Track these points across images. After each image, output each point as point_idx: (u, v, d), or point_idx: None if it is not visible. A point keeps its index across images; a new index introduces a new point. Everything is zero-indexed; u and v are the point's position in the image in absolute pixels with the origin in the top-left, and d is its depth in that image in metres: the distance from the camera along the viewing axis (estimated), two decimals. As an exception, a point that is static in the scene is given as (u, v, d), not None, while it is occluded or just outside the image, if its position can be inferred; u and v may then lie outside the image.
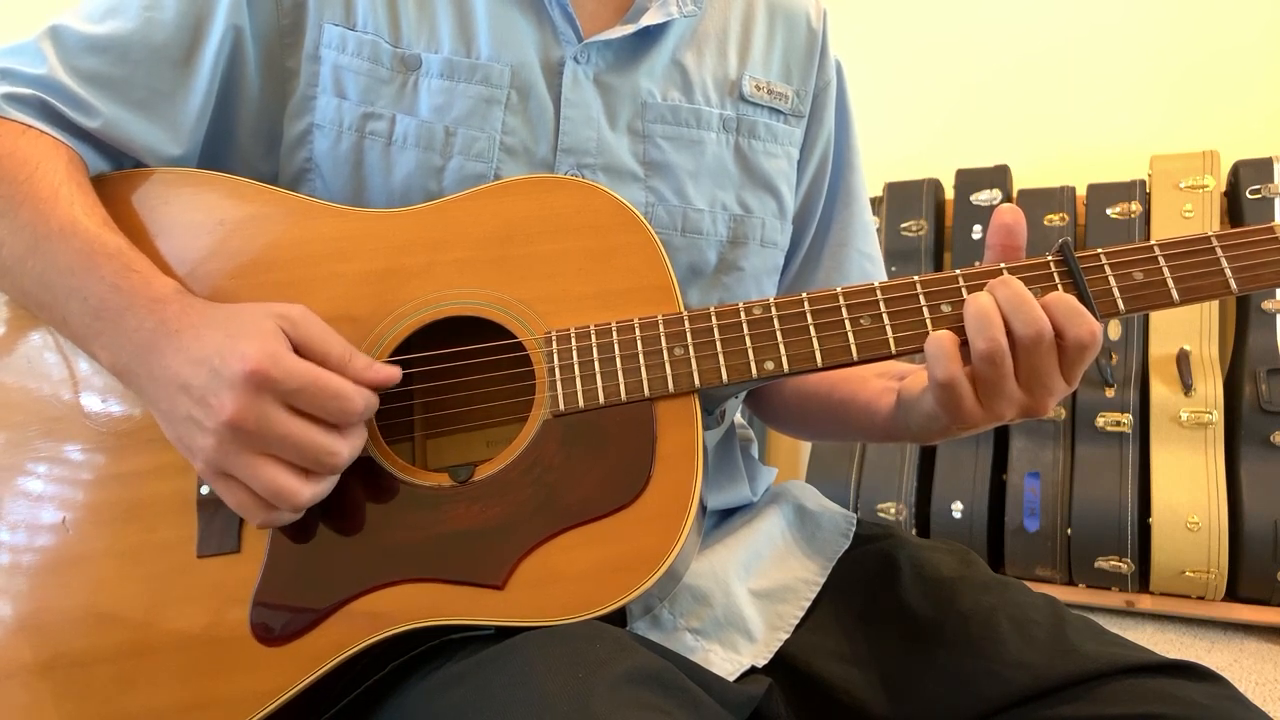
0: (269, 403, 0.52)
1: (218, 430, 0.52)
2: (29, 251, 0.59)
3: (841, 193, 0.86)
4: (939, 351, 0.56)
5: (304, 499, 0.53)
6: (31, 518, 0.59)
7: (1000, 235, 0.60)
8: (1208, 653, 1.88)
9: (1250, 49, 2.33)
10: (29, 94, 0.64)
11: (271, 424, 0.52)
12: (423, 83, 0.69)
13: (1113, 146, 2.43)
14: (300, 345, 0.55)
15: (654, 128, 0.73)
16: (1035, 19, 2.57)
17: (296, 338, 0.55)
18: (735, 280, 0.76)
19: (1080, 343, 0.55)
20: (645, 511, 0.56)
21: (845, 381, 0.77)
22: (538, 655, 0.49)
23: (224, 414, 0.52)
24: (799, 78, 0.81)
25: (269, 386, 0.52)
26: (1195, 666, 0.58)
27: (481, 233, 0.63)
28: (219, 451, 0.53)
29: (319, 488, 0.54)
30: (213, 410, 0.52)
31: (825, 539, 0.76)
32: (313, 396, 0.53)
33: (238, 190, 0.66)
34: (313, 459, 0.53)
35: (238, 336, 0.54)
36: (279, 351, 0.53)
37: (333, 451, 0.53)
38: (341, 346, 0.56)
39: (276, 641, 0.55)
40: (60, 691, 0.56)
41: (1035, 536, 2.07)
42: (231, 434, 0.52)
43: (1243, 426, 1.99)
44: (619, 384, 0.59)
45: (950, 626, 0.64)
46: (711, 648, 0.66)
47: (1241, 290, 0.57)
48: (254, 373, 0.52)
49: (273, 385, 0.52)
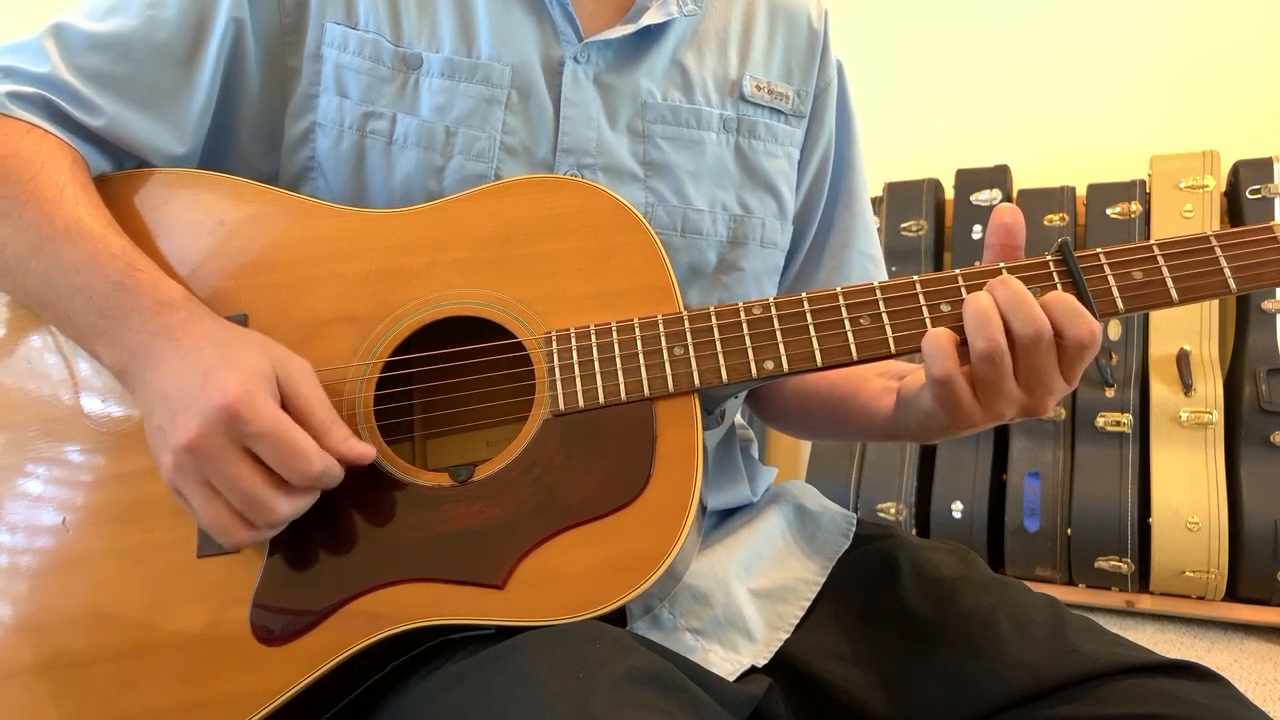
0: (228, 440, 0.52)
1: (175, 450, 0.53)
2: (33, 251, 0.59)
3: (843, 193, 0.86)
4: (936, 349, 0.56)
5: (242, 540, 0.54)
6: (31, 518, 0.59)
7: (999, 235, 0.60)
8: (1208, 653, 1.88)
9: (1250, 49, 2.33)
10: (33, 92, 0.64)
11: (222, 461, 0.52)
12: (424, 82, 0.69)
13: (1113, 146, 2.43)
14: (287, 398, 0.55)
15: (654, 128, 0.73)
16: (1035, 19, 2.57)
17: (286, 389, 0.55)
18: (735, 281, 0.76)
19: (1080, 342, 0.55)
20: (645, 511, 0.56)
21: (846, 381, 0.77)
22: (538, 655, 0.49)
23: (183, 437, 0.52)
24: (800, 78, 0.81)
25: (236, 424, 0.52)
26: (1195, 666, 0.58)
27: (481, 233, 0.63)
28: (174, 470, 0.54)
29: (257, 535, 0.54)
30: (177, 429, 0.53)
31: (825, 539, 0.76)
32: (273, 447, 0.52)
33: (238, 190, 0.66)
34: (249, 508, 0.53)
35: (228, 365, 0.54)
36: (258, 393, 0.53)
37: (270, 508, 0.53)
38: (326, 412, 0.55)
39: (276, 641, 0.55)
40: (60, 691, 0.56)
41: (1035, 536, 2.07)
42: (187, 457, 0.53)
43: (1243, 426, 1.99)
44: (619, 384, 0.59)
45: (950, 626, 0.64)
46: (711, 648, 0.66)
47: (1240, 290, 0.57)
48: (226, 407, 0.52)
49: (239, 425, 0.52)
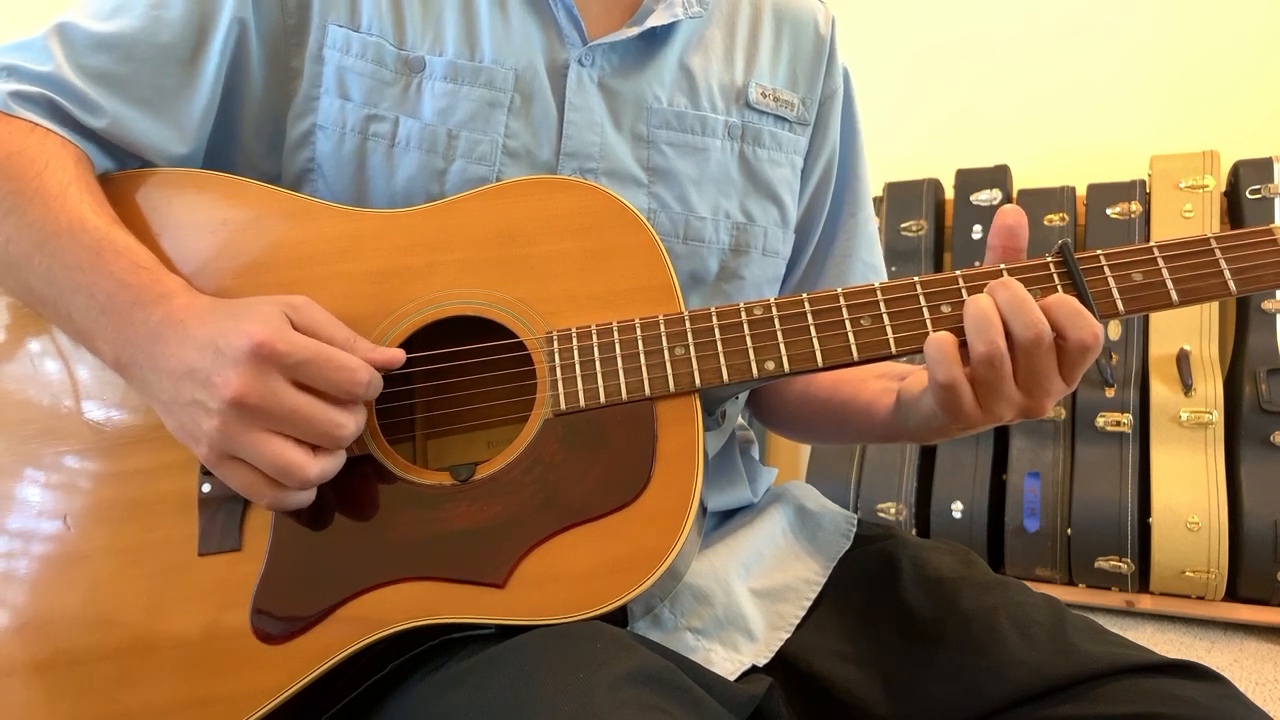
0: (274, 378, 0.52)
1: (222, 409, 0.52)
2: (36, 248, 0.59)
3: (847, 202, 0.86)
4: (939, 354, 0.56)
5: (313, 474, 0.53)
6: (32, 516, 0.59)
7: (1002, 236, 0.60)
8: (1208, 653, 1.88)
9: (1250, 48, 2.33)
10: (36, 92, 0.64)
11: (277, 398, 0.52)
12: (426, 85, 0.69)
13: (1113, 146, 2.43)
14: (304, 329, 0.55)
15: (659, 133, 0.73)
16: (1035, 19, 2.57)
17: (300, 322, 0.56)
18: (736, 289, 0.76)
19: (1083, 344, 0.55)
20: (646, 510, 0.56)
21: (846, 383, 0.77)
22: (538, 655, 0.49)
23: (229, 391, 0.52)
24: (805, 85, 0.81)
25: (275, 360, 0.52)
26: (1195, 666, 0.58)
27: (483, 233, 0.64)
28: (224, 431, 0.53)
29: (327, 464, 0.54)
30: (217, 389, 0.52)
31: (826, 539, 0.76)
32: (319, 368, 0.53)
33: (240, 191, 0.66)
34: (320, 432, 0.53)
35: (239, 319, 0.54)
36: (284, 327, 0.54)
37: (339, 423, 0.54)
38: (345, 331, 0.57)
39: (277, 640, 0.55)
40: (61, 689, 0.56)
41: (1035, 536, 2.07)
42: (236, 412, 0.52)
43: (1243, 426, 1.99)
44: (620, 383, 0.59)
45: (951, 626, 0.64)
46: (712, 647, 0.66)
47: (1240, 292, 0.57)
48: (260, 345, 0.52)
49: (279, 358, 0.52)
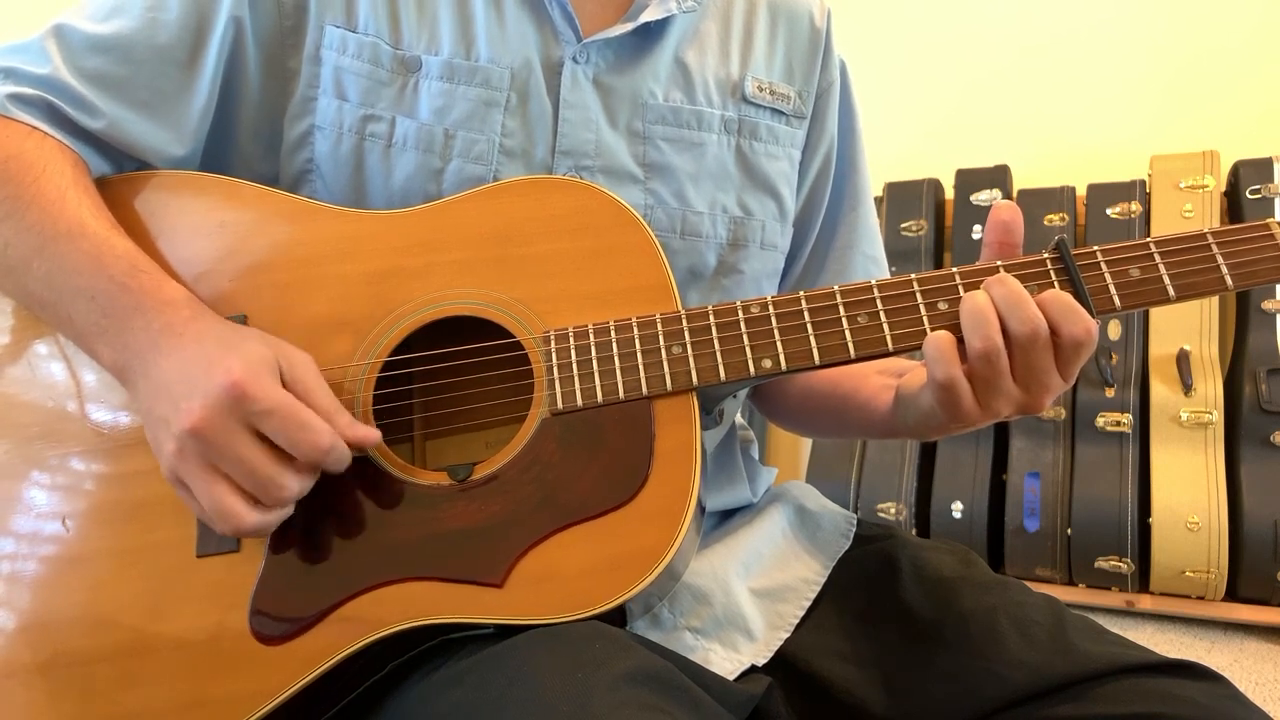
0: (235, 420, 0.52)
1: (179, 436, 0.53)
2: (35, 252, 0.59)
3: (847, 195, 0.85)
4: (938, 353, 0.56)
5: (247, 525, 0.53)
6: (32, 518, 0.59)
7: (997, 232, 0.60)
8: (1208, 653, 1.88)
9: (1250, 48, 2.33)
10: (34, 94, 0.64)
11: (229, 441, 0.52)
12: (423, 85, 0.69)
13: (1113, 146, 2.43)
14: (291, 384, 0.55)
15: (654, 129, 0.73)
16: (1035, 18, 2.57)
17: (290, 377, 0.55)
18: (735, 284, 0.75)
19: (1076, 340, 0.55)
20: (643, 509, 0.56)
21: (847, 378, 0.77)
22: (537, 655, 0.49)
23: (188, 421, 0.52)
24: (801, 78, 0.81)
25: (242, 404, 0.52)
26: (1195, 666, 0.58)
27: (480, 233, 0.64)
28: (176, 458, 0.53)
29: (265, 518, 0.53)
30: (180, 415, 0.52)
31: (826, 539, 0.76)
32: (282, 423, 0.52)
33: (237, 192, 0.66)
34: (260, 487, 0.53)
35: (231, 351, 0.54)
36: (263, 373, 0.53)
37: (280, 484, 0.53)
38: (332, 401, 0.56)
39: (275, 641, 0.55)
40: (60, 690, 0.56)
41: (1035, 536, 2.07)
42: (191, 442, 0.52)
43: (1243, 426, 1.99)
44: (617, 382, 0.59)
45: (951, 626, 0.64)
46: (711, 647, 0.66)
47: (1237, 286, 0.57)
48: (233, 385, 0.52)
49: (247, 402, 0.52)
